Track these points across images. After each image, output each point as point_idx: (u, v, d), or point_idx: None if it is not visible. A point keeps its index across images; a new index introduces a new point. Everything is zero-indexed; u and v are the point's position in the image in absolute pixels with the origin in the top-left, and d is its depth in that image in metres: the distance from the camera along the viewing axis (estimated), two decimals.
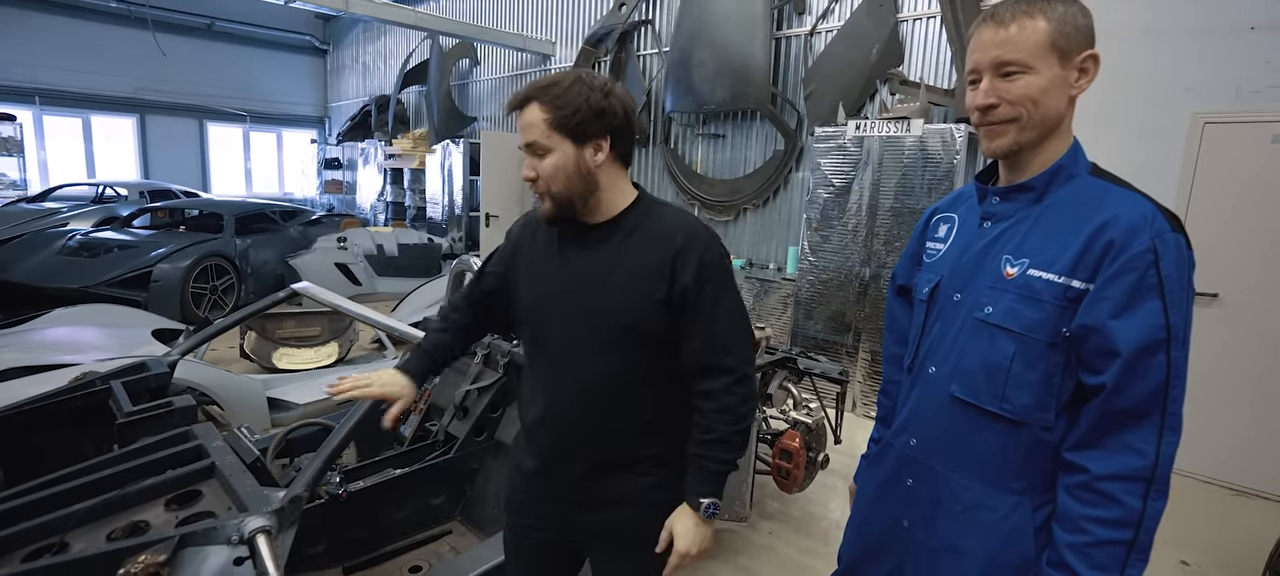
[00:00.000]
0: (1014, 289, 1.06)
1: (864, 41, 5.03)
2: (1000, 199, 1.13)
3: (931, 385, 1.18)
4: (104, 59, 10.44)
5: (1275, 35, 3.36)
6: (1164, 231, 0.97)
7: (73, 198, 9.23)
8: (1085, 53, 1.02)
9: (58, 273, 6.08)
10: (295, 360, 4.97)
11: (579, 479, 1.30)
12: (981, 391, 1.09)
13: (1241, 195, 3.50)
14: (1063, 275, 1.01)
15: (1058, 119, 1.04)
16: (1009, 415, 1.07)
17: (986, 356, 1.08)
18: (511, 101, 1.23)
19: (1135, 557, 0.96)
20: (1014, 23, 1.01)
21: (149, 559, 1.33)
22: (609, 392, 1.26)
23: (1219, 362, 3.58)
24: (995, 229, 1.13)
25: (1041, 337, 1.03)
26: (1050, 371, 1.03)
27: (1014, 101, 1.02)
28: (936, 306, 1.20)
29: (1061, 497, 1.02)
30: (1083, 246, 1.00)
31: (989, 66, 1.04)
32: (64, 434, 2.28)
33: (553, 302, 1.28)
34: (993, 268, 1.10)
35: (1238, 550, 2.85)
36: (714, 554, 2.80)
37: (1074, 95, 1.04)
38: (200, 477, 1.68)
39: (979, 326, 1.10)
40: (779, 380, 3.33)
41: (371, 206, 10.68)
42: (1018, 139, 1.05)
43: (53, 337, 3.84)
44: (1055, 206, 1.07)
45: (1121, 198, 1.02)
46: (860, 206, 4.56)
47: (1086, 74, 1.03)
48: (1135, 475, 0.95)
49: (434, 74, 8.94)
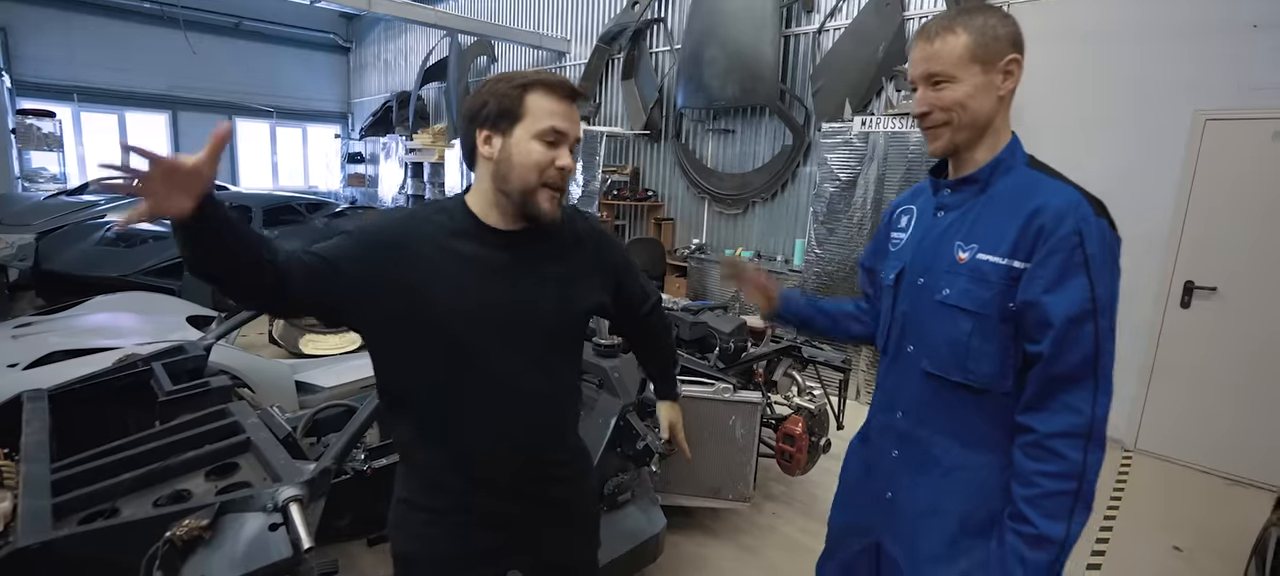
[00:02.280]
0: (965, 272, 1.18)
1: (870, 39, 5.09)
2: (950, 191, 1.26)
3: (909, 361, 1.29)
4: (138, 58, 10.79)
5: (1277, 32, 3.37)
6: (1088, 216, 1.08)
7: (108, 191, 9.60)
8: (1007, 57, 1.14)
9: (97, 262, 6.37)
10: (321, 345, 5.19)
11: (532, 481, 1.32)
12: (948, 364, 1.21)
13: (1242, 191, 3.53)
14: (1005, 257, 1.13)
15: (988, 118, 1.17)
16: (973, 384, 1.18)
17: (949, 333, 1.21)
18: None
19: (1080, 507, 1.08)
20: (938, 38, 1.15)
21: (192, 523, 1.49)
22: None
23: (1217, 355, 3.62)
24: (948, 218, 1.25)
25: (993, 313, 1.15)
26: (1005, 343, 1.15)
27: (945, 107, 1.16)
28: (903, 290, 1.32)
29: (1016, 456, 1.13)
30: (1019, 231, 1.12)
31: (921, 78, 1.18)
32: (109, 410, 2.47)
33: (492, 314, 1.19)
34: (947, 253, 1.22)
35: (1227, 536, 2.92)
36: (718, 533, 2.95)
37: (1002, 96, 1.16)
38: (237, 451, 1.86)
39: (939, 307, 1.22)
40: (784, 367, 3.46)
41: (393, 199, 10.92)
42: (953, 139, 1.18)
43: (94, 323, 4.08)
44: (997, 196, 1.18)
45: (1052, 187, 1.13)
46: (865, 200, 4.64)
47: (1011, 76, 1.15)
48: (1075, 432, 1.07)
49: (453, 71, 9.12)
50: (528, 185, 1.16)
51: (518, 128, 1.15)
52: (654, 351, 1.63)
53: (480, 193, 1.22)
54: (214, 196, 0.95)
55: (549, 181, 1.16)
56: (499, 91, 1.16)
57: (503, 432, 1.25)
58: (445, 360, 1.19)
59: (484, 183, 1.21)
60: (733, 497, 2.80)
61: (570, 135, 1.18)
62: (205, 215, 0.92)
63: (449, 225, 1.20)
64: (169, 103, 11.31)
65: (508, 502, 1.29)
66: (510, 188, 1.17)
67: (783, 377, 3.46)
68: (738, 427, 2.73)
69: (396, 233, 1.18)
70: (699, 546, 2.85)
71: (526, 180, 1.15)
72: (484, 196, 1.21)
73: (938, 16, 1.18)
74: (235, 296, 1.09)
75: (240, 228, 1.00)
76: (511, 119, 1.15)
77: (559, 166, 1.16)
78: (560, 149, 1.17)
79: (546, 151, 1.15)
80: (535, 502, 1.33)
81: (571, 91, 1.18)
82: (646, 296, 1.50)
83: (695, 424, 2.68)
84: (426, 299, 1.15)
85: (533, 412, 1.27)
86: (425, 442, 1.27)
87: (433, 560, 1.29)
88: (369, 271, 1.14)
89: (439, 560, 1.28)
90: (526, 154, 1.15)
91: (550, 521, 1.37)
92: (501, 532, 1.31)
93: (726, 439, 2.73)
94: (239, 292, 1.07)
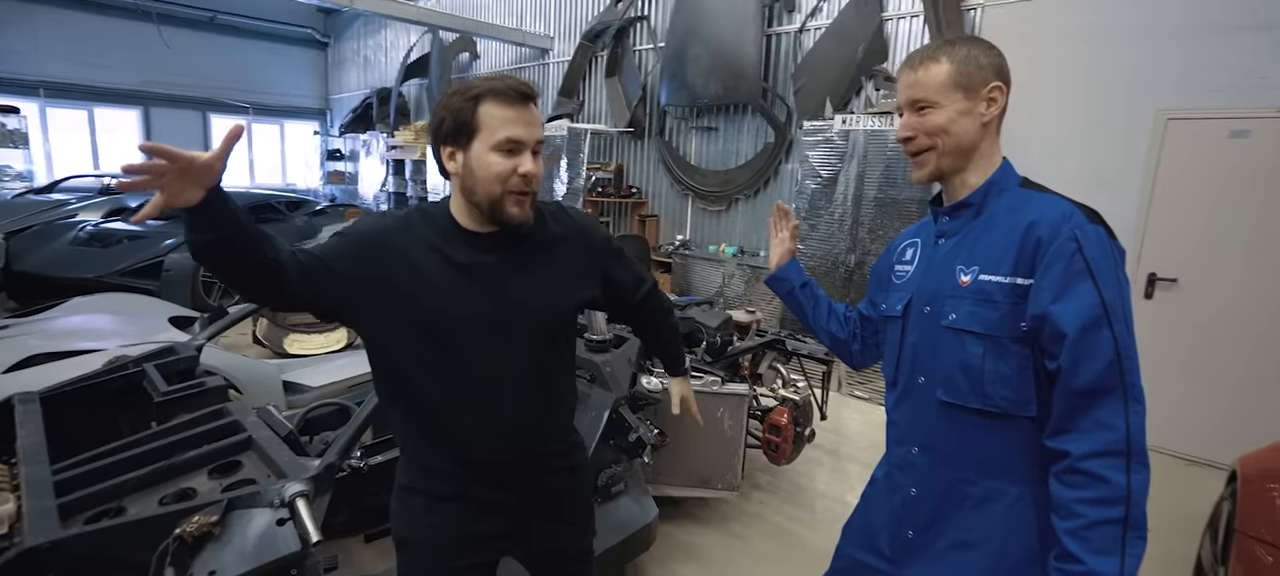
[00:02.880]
0: (969, 294, 1.17)
1: (851, 39, 5.20)
2: (948, 218, 1.27)
3: (922, 394, 1.25)
4: (108, 52, 10.57)
5: (1234, 37, 3.54)
6: (1082, 223, 1.08)
7: (79, 189, 9.38)
8: (990, 85, 1.16)
9: (71, 262, 6.25)
10: (305, 345, 5.17)
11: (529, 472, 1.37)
12: (964, 391, 1.17)
13: (1200, 186, 3.70)
14: (1008, 275, 1.12)
15: (972, 144, 1.19)
16: (993, 410, 1.14)
17: (960, 358, 1.17)
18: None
19: (1132, 535, 0.99)
20: (922, 66, 1.18)
21: (202, 519, 1.52)
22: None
23: (1177, 342, 3.80)
24: (948, 244, 1.25)
25: (1004, 334, 1.12)
26: (1022, 364, 1.12)
27: (928, 132, 1.19)
28: (911, 321, 1.29)
29: (1053, 487, 1.06)
30: (1018, 247, 1.12)
31: (906, 104, 1.21)
32: (101, 412, 2.47)
33: (480, 316, 1.23)
34: (950, 278, 1.21)
35: (1185, 513, 3.07)
36: (707, 522, 3.03)
37: (986, 122, 1.18)
38: (239, 449, 1.89)
39: (946, 332, 1.20)
40: (769, 360, 3.55)
41: (374, 197, 10.84)
42: (938, 165, 1.21)
43: (74, 325, 4.03)
44: (992, 217, 1.19)
45: (1044, 201, 1.14)
46: (846, 197, 4.75)
47: (995, 103, 1.17)
48: (1111, 450, 1.00)
49: (435, 68, 9.09)
50: (493, 196, 1.18)
51: (475, 142, 1.17)
52: (657, 333, 1.68)
53: (457, 201, 1.25)
54: (222, 188, 1.03)
55: (513, 188, 1.18)
56: (453, 106, 1.17)
57: (497, 427, 1.28)
58: (438, 359, 1.23)
59: (456, 194, 1.24)
60: (721, 487, 2.88)
61: (527, 141, 1.18)
62: (212, 204, 1.00)
63: (435, 230, 1.23)
64: (141, 98, 11.10)
65: (504, 492, 1.34)
66: (478, 199, 1.19)
67: (767, 370, 3.56)
68: (726, 419, 2.81)
69: (387, 236, 1.22)
70: (689, 534, 2.93)
71: (491, 192, 1.17)
72: (460, 205, 1.24)
73: (923, 47, 1.22)
74: (238, 288, 1.14)
75: (244, 220, 1.05)
76: (468, 134, 1.17)
77: (522, 173, 1.17)
78: (520, 156, 1.17)
79: (506, 161, 1.16)
80: (531, 492, 1.37)
81: (523, 95, 1.18)
82: (640, 281, 1.53)
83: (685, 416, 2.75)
84: (416, 303, 1.19)
85: (526, 408, 1.31)
86: (422, 434, 1.31)
87: (431, 545, 1.34)
88: (361, 273, 1.19)
89: (437, 545, 1.34)
90: (486, 167, 1.16)
91: (544, 513, 1.41)
92: (498, 520, 1.36)
93: (715, 430, 2.81)
94: (242, 284, 1.12)
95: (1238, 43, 3.54)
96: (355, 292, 1.19)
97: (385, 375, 1.30)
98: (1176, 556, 2.86)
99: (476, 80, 1.20)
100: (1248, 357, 3.65)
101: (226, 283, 1.09)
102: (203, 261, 1.06)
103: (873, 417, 4.48)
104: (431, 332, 1.21)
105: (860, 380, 4.84)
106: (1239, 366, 3.67)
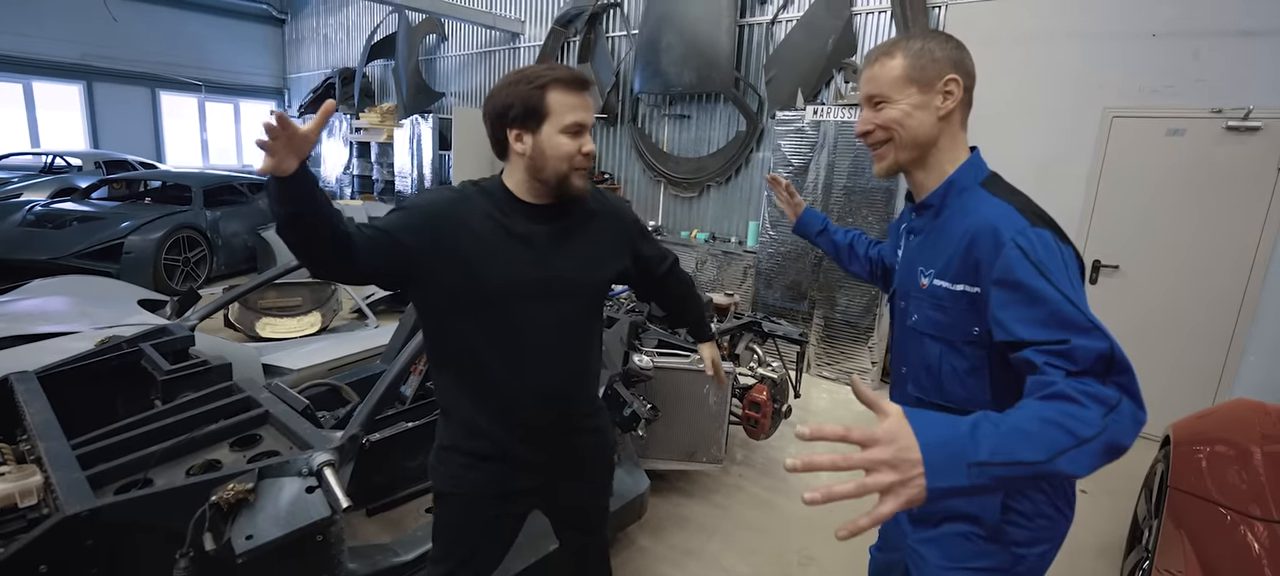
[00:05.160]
0: (926, 297, 1.20)
1: (821, 32, 5.39)
2: (916, 215, 1.29)
3: (902, 383, 1.32)
4: (48, 22, 10.02)
5: (1172, 41, 3.85)
6: (1022, 227, 1.04)
7: (20, 167, 8.92)
8: (945, 77, 1.15)
9: (21, 244, 6.00)
10: (278, 329, 5.12)
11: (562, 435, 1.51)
12: (927, 387, 1.23)
13: (1141, 180, 4.02)
14: (955, 282, 1.13)
15: (929, 137, 1.18)
16: (952, 406, 1.18)
17: (923, 357, 1.22)
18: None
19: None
20: (877, 62, 1.20)
21: (238, 487, 1.59)
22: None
23: (1118, 325, 4.07)
24: (915, 243, 1.28)
25: (957, 338, 1.15)
26: (976, 365, 1.14)
27: (883, 125, 1.19)
28: (895, 314, 1.35)
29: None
30: (962, 255, 1.11)
31: (865, 99, 1.23)
32: (95, 392, 2.46)
33: (534, 282, 1.35)
34: (913, 278, 1.25)
35: (1123, 478, 3.38)
36: (692, 494, 3.19)
37: (943, 116, 1.17)
38: (257, 423, 1.94)
39: (910, 332, 1.25)
40: (746, 341, 3.72)
41: (337, 180, 10.62)
42: (896, 158, 1.21)
43: (37, 308, 3.92)
44: (947, 220, 1.19)
45: (988, 206, 1.10)
46: (816, 185, 4.95)
47: (950, 95, 1.16)
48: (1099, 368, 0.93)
49: (402, 48, 8.94)
50: (560, 173, 1.33)
51: (545, 125, 1.30)
52: (684, 304, 1.80)
53: (516, 178, 1.37)
54: (307, 164, 1.12)
55: (578, 165, 1.33)
56: (521, 93, 1.30)
57: (542, 388, 1.41)
58: (493, 323, 1.34)
59: (519, 171, 1.36)
60: (707, 460, 3.04)
61: (588, 123, 1.34)
62: (302, 176, 1.09)
63: (493, 203, 1.36)
64: (83, 72, 10.57)
65: (539, 451, 1.46)
66: (546, 176, 1.33)
67: (744, 351, 3.72)
68: (711, 396, 2.97)
69: (449, 208, 1.33)
70: (675, 506, 3.08)
71: (559, 169, 1.32)
72: (520, 180, 1.37)
73: (881, 44, 1.23)
74: (311, 261, 1.22)
75: (321, 196, 1.14)
76: (538, 118, 1.30)
77: (585, 152, 1.33)
78: (583, 136, 1.33)
79: (572, 141, 1.31)
80: (561, 452, 1.50)
81: (584, 82, 1.34)
82: (664, 256, 1.69)
83: (671, 393, 2.90)
84: (478, 270, 1.31)
85: (565, 372, 1.44)
86: (471, 396, 1.41)
87: (471, 498, 1.47)
88: (427, 243, 1.29)
89: (477, 498, 1.47)
90: (557, 147, 1.31)
91: (569, 472, 1.55)
92: (531, 476, 1.48)
93: (700, 406, 2.96)
94: (316, 258, 1.20)
95: (1175, 46, 3.84)
96: (421, 262, 1.29)
97: (442, 340, 1.40)
98: (1117, 512, 3.17)
99: (537, 68, 1.33)
100: (1182, 340, 4.00)
101: (301, 257, 1.17)
102: (285, 233, 1.14)
103: (838, 397, 4.72)
104: (490, 298, 1.32)
105: (827, 360, 5.08)
106: (1174, 347, 4.02)
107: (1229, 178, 3.72)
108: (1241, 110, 3.62)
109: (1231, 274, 3.81)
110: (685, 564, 2.68)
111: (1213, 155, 3.76)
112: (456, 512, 1.49)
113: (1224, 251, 3.81)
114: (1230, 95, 3.67)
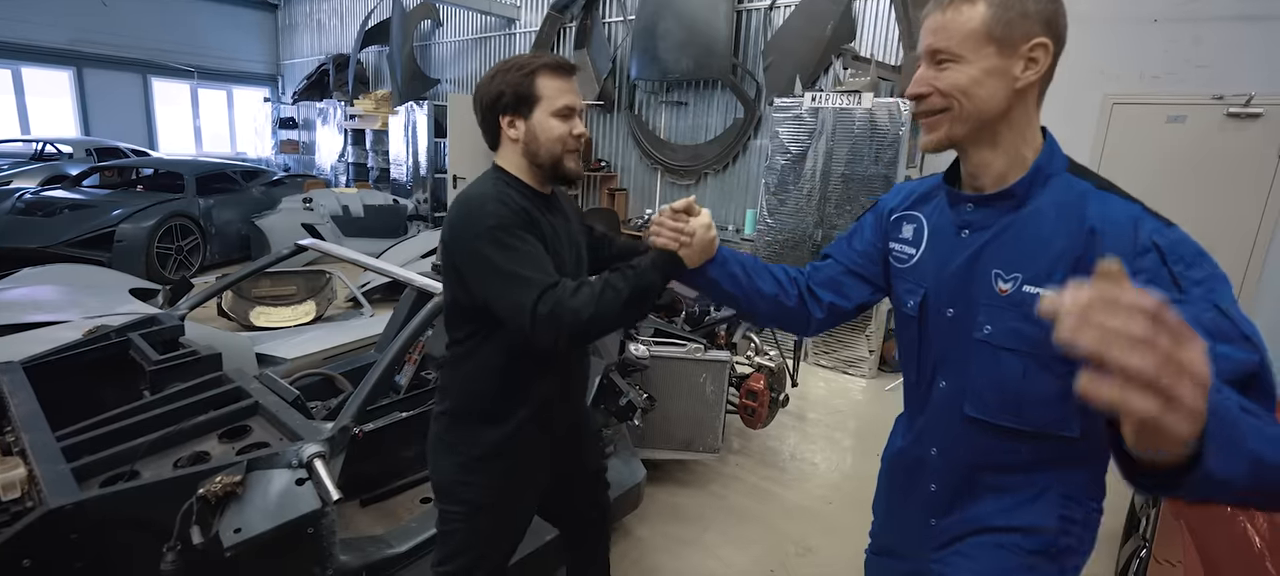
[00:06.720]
0: (1011, 307, 0.98)
1: (820, 18, 5.33)
2: (975, 205, 1.04)
3: (944, 400, 1.11)
4: (37, 6, 9.88)
5: (1173, 27, 3.81)
6: (1159, 228, 0.89)
7: (9, 154, 8.83)
8: (1034, 40, 0.92)
9: (10, 232, 5.94)
10: (272, 318, 5.09)
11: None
12: (995, 409, 1.03)
13: (1142, 167, 3.99)
14: (1062, 287, 0.93)
15: (997, 113, 0.96)
16: (1027, 430, 1.01)
17: (994, 375, 1.02)
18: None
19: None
20: (951, 7, 0.94)
21: (226, 479, 1.56)
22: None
23: None
24: (976, 239, 1.04)
25: (1050, 352, 0.90)
26: (1066, 382, 0.98)
27: (943, 92, 0.96)
28: (929, 321, 1.12)
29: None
30: (1076, 259, 0.93)
31: (926, 53, 0.98)
32: (81, 382, 2.43)
33: (568, 267, 1.46)
34: (983, 283, 1.02)
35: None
36: (688, 484, 3.17)
37: (1020, 88, 0.94)
38: (247, 414, 1.91)
39: (979, 345, 1.03)
40: (742, 330, 3.70)
41: (332, 167, 10.54)
42: (950, 133, 0.99)
43: (26, 297, 3.88)
44: (1038, 213, 0.98)
45: (1104, 202, 0.94)
46: (814, 173, 4.91)
47: (1035, 64, 0.93)
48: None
49: (397, 34, 8.83)
50: (555, 155, 1.37)
51: (537, 110, 1.34)
52: (610, 246, 1.75)
53: (517, 166, 1.40)
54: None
55: (571, 147, 1.38)
56: (511, 80, 1.33)
57: (566, 384, 1.53)
58: None
59: (515, 158, 1.39)
60: (703, 449, 3.02)
61: (578, 107, 1.38)
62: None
63: (524, 195, 1.37)
64: (73, 58, 10.43)
65: (551, 430, 1.53)
66: (541, 160, 1.37)
67: (741, 339, 3.70)
68: (708, 384, 2.95)
69: (527, 210, 1.33)
70: (672, 495, 3.07)
71: (553, 152, 1.37)
72: (524, 167, 1.40)
73: None
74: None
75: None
76: (530, 103, 1.34)
77: (576, 134, 1.38)
78: (574, 119, 1.38)
79: (563, 124, 1.36)
80: (564, 430, 1.60)
81: (570, 67, 1.40)
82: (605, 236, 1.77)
83: (669, 381, 2.88)
84: (557, 256, 1.36)
85: (576, 354, 1.56)
86: (521, 394, 1.44)
87: (515, 508, 1.54)
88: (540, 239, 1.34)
89: (521, 508, 1.56)
90: (549, 130, 1.35)
91: (563, 444, 1.63)
92: (543, 459, 1.56)
93: (697, 395, 2.94)
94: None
95: (1176, 32, 3.80)
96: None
97: (509, 339, 1.36)
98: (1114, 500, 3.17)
99: (524, 56, 1.37)
100: None
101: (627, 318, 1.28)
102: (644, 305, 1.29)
103: (835, 385, 4.71)
104: None
105: (825, 349, 5.06)
106: None
107: (1230, 164, 3.70)
108: (1243, 97, 3.59)
109: (1232, 260, 3.79)
110: (682, 553, 2.66)
111: (1213, 142, 3.73)
112: (499, 521, 1.50)
113: (1224, 238, 3.79)
114: (1231, 81, 3.64)
